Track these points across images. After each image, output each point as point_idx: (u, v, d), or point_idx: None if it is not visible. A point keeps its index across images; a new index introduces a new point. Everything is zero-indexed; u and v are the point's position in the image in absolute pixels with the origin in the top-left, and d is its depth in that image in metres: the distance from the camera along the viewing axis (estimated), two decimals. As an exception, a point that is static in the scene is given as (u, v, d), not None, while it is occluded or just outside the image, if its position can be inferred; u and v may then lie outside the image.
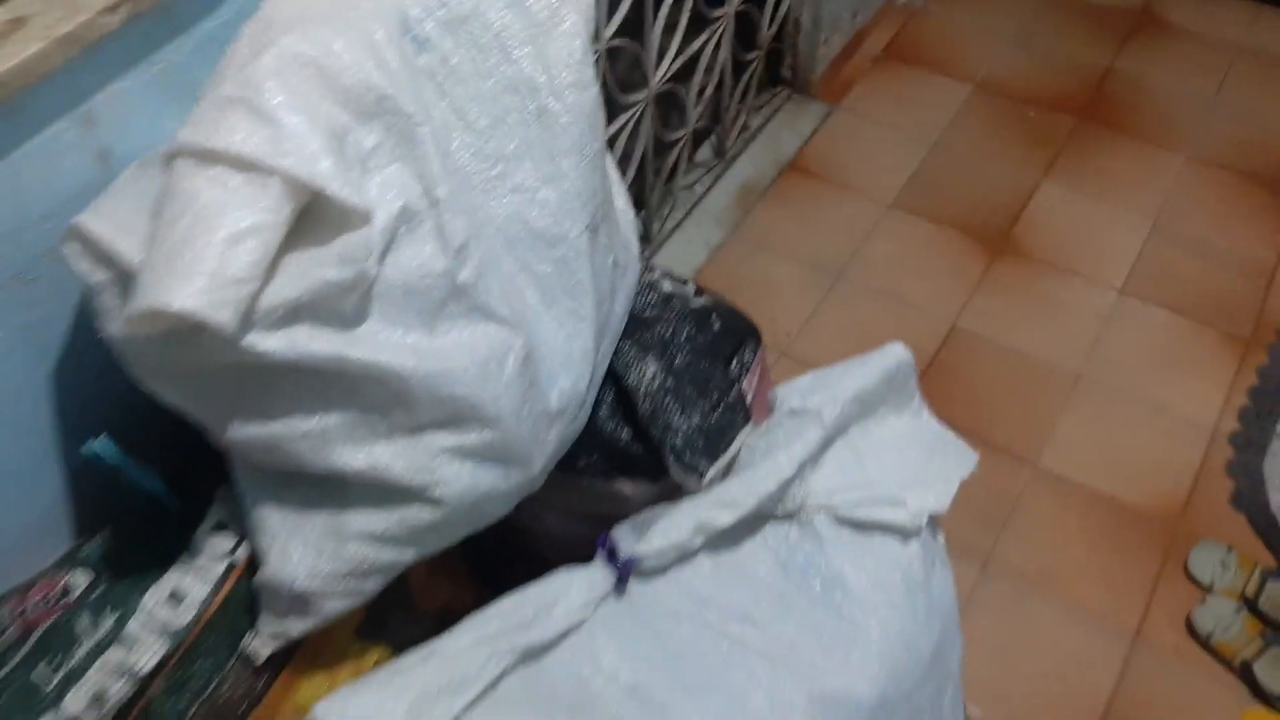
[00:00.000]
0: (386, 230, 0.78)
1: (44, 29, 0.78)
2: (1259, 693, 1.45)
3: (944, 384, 1.78)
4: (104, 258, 0.79)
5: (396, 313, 0.80)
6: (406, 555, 0.87)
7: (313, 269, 0.75)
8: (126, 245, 0.78)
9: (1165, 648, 1.50)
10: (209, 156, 0.74)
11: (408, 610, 0.99)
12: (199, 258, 0.70)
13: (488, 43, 0.89)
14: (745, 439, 0.97)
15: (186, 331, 0.75)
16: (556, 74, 0.90)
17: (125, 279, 0.79)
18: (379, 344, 0.79)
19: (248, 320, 0.73)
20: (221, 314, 0.70)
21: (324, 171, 0.74)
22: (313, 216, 0.77)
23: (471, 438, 0.84)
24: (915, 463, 0.97)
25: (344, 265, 0.75)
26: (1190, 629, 1.51)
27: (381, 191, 0.79)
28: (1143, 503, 1.65)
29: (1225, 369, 1.82)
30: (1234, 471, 1.69)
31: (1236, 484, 1.68)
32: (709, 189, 2.12)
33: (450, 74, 0.88)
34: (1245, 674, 1.46)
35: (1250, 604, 1.52)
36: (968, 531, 1.60)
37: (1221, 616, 1.51)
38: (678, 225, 2.05)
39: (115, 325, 0.81)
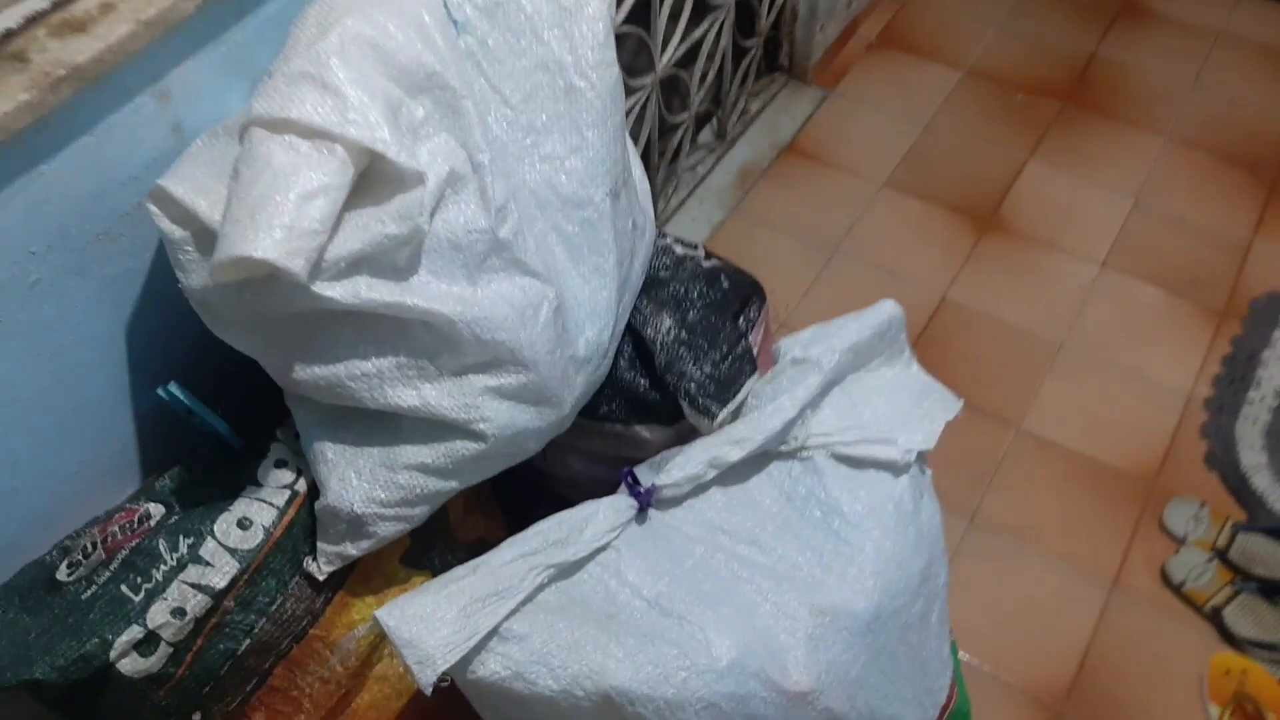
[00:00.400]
0: (436, 191, 0.88)
1: (131, 13, 0.87)
2: (1228, 636, 1.55)
3: (934, 352, 1.88)
4: (184, 216, 0.89)
5: (444, 265, 0.90)
6: (451, 484, 0.97)
7: (373, 224, 0.85)
8: (204, 205, 0.88)
9: (1141, 595, 1.61)
10: (281, 125, 0.83)
11: (447, 541, 1.09)
12: (276, 213, 0.80)
13: (520, 26, 0.98)
14: (752, 386, 1.07)
15: (261, 280, 0.85)
16: (582, 54, 0.99)
17: (203, 235, 0.89)
18: (430, 293, 0.89)
19: (316, 270, 0.83)
20: (296, 262, 0.80)
21: (383, 138, 0.83)
22: (370, 179, 0.87)
23: (510, 379, 0.94)
24: (905, 407, 1.07)
25: (401, 221, 0.85)
26: (1164, 577, 1.61)
27: (431, 157, 0.88)
28: (1121, 462, 1.75)
29: (1201, 338, 1.91)
30: (1208, 434, 1.79)
31: (1210, 445, 1.78)
32: (710, 170, 2.22)
33: (487, 54, 0.98)
34: (1215, 619, 1.57)
35: (1221, 554, 1.62)
36: (957, 488, 1.70)
37: (1194, 566, 1.61)
38: (681, 204, 2.15)
39: (193, 277, 0.91)
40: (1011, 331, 1.93)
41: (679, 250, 1.19)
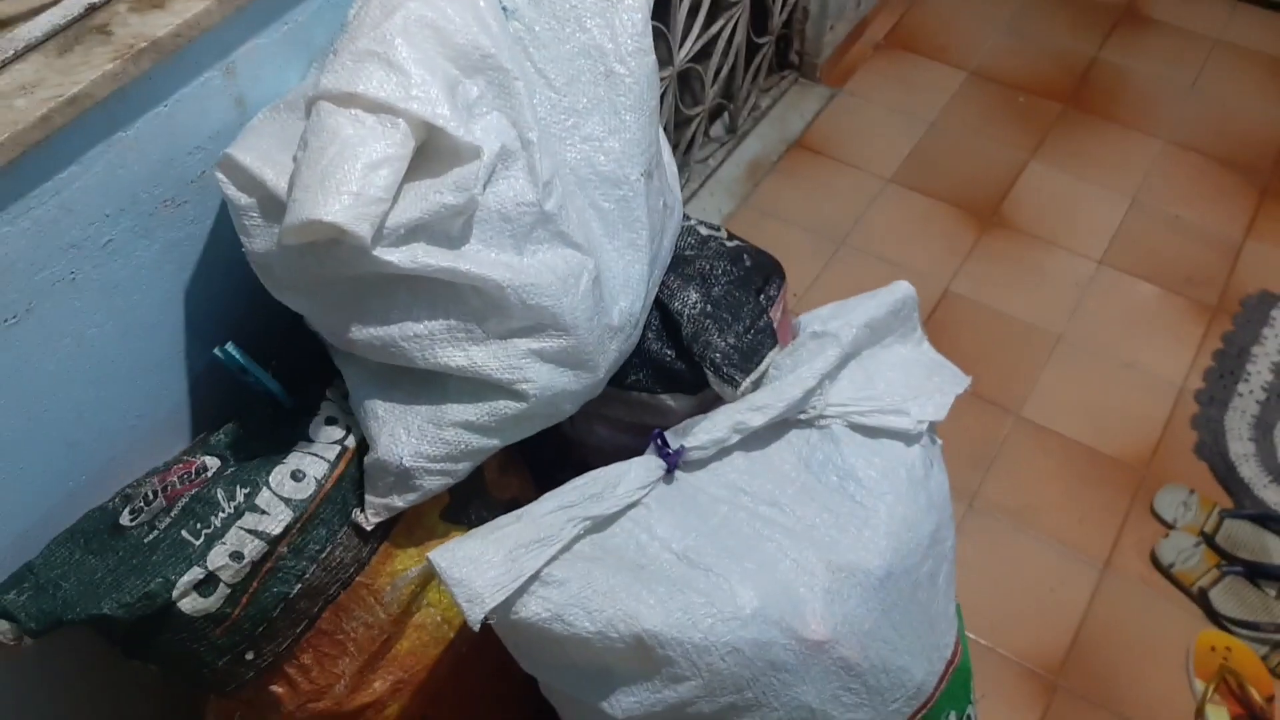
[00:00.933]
0: (489, 165, 0.94)
1: (207, -9, 0.93)
2: (1213, 616, 1.62)
3: (938, 341, 1.88)
4: (250, 184, 0.95)
5: (494, 235, 0.96)
6: (493, 441, 1.03)
7: (431, 195, 0.91)
8: (270, 173, 0.94)
9: (1131, 575, 1.67)
10: (348, 99, 0.89)
11: (483, 499, 1.15)
12: (345, 180, 0.86)
13: (565, 14, 1.04)
14: (773, 358, 1.13)
15: (325, 244, 0.91)
16: (622, 42, 1.05)
17: (267, 202, 0.95)
18: (481, 260, 0.95)
19: (378, 235, 0.89)
20: (362, 227, 0.86)
21: (443, 114, 0.90)
22: (428, 153, 0.93)
23: (551, 343, 1.00)
24: (917, 380, 1.14)
25: (458, 192, 0.91)
26: (1154, 560, 1.68)
27: (484, 134, 0.94)
28: (1115, 450, 1.82)
29: (1193, 333, 1.99)
30: (1198, 424, 1.86)
31: (1200, 436, 1.85)
32: (721, 162, 2.28)
33: (534, 39, 1.04)
34: (1202, 600, 1.64)
35: (1208, 539, 1.69)
36: (957, 472, 1.74)
37: (1182, 549, 1.68)
38: (693, 195, 2.21)
39: (257, 241, 0.97)
40: (1012, 323, 2.00)
41: (703, 231, 1.25)
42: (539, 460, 1.26)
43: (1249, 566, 1.65)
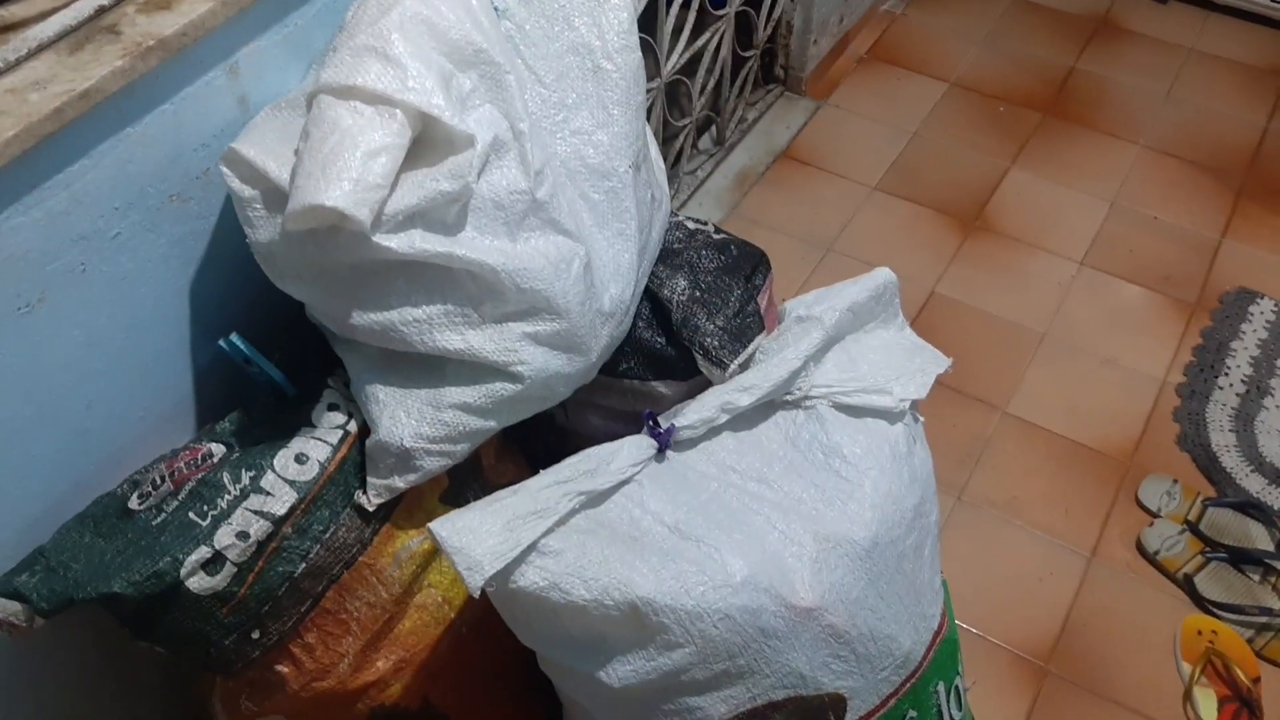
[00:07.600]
0: (483, 155, 0.98)
1: (212, -7, 0.98)
2: (1198, 601, 1.65)
3: (924, 340, 1.98)
4: (253, 176, 0.99)
5: (487, 223, 1.00)
6: (490, 423, 1.06)
7: (428, 182, 0.95)
8: (273, 166, 0.98)
9: (1118, 563, 1.71)
10: (348, 91, 0.93)
11: (481, 483, 1.18)
12: (345, 167, 0.90)
13: (554, 12, 1.09)
14: (761, 342, 1.17)
15: (325, 231, 0.95)
16: (609, 39, 1.10)
17: (270, 194, 0.99)
18: (476, 246, 0.98)
19: (377, 222, 0.93)
20: (361, 212, 0.90)
21: (438, 104, 0.94)
22: (424, 143, 0.97)
23: (545, 326, 1.03)
24: (899, 362, 1.17)
25: (453, 179, 0.95)
26: (1139, 548, 1.72)
27: (478, 124, 0.99)
28: (1099, 443, 1.86)
29: (1173, 330, 2.03)
30: (1179, 417, 1.90)
31: (1182, 428, 1.89)
32: (710, 174, 2.33)
33: (524, 37, 1.08)
34: (1187, 585, 1.67)
35: (1192, 526, 1.73)
36: (946, 467, 1.80)
37: (1167, 536, 1.72)
38: (682, 205, 2.26)
39: (260, 232, 1.01)
40: (997, 323, 2.04)
41: (690, 225, 1.29)
42: (534, 450, 1.30)
43: (1232, 552, 1.68)
